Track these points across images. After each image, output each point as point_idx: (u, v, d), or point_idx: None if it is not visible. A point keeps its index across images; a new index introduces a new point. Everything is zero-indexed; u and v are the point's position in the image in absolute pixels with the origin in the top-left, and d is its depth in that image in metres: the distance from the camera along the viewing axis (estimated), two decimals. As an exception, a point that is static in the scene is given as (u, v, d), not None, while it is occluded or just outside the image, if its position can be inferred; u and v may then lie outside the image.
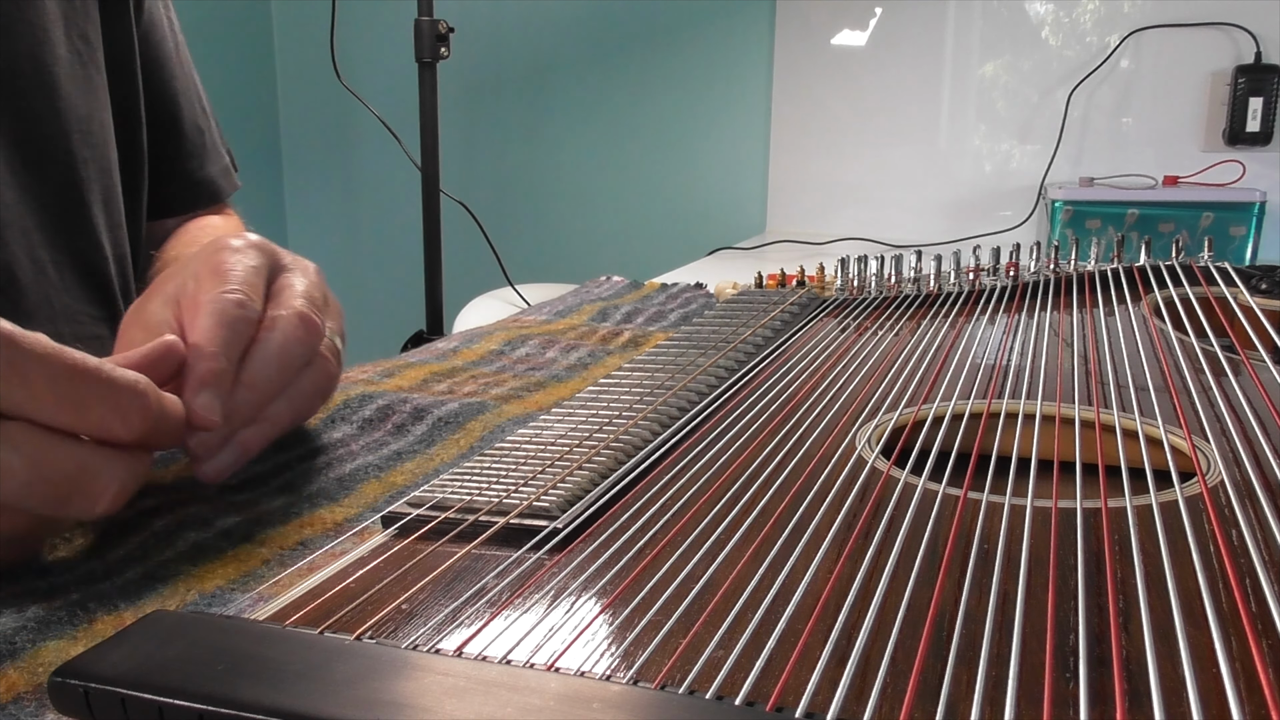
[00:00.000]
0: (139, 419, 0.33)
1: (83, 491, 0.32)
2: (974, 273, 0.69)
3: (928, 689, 0.23)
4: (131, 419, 0.33)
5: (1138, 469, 0.35)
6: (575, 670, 0.24)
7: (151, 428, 0.33)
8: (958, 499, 0.33)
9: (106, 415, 0.32)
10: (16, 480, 0.30)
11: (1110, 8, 1.40)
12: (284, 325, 0.41)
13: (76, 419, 0.32)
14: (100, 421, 0.32)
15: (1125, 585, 0.27)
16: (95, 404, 0.32)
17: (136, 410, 0.33)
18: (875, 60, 1.53)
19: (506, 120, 1.83)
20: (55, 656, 0.29)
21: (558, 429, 0.41)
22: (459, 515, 0.34)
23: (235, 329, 0.39)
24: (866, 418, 0.42)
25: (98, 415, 0.32)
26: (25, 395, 0.31)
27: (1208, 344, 0.52)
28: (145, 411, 0.33)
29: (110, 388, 0.32)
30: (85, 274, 0.60)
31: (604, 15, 1.73)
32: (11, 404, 0.31)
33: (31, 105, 0.56)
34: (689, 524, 0.33)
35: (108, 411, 0.32)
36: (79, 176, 0.59)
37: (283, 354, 0.40)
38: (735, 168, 1.68)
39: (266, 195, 2.02)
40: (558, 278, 1.46)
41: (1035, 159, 1.46)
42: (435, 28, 1.39)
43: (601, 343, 0.64)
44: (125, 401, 0.33)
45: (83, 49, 0.59)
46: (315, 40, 1.70)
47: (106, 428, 0.32)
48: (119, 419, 0.32)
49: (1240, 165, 1.32)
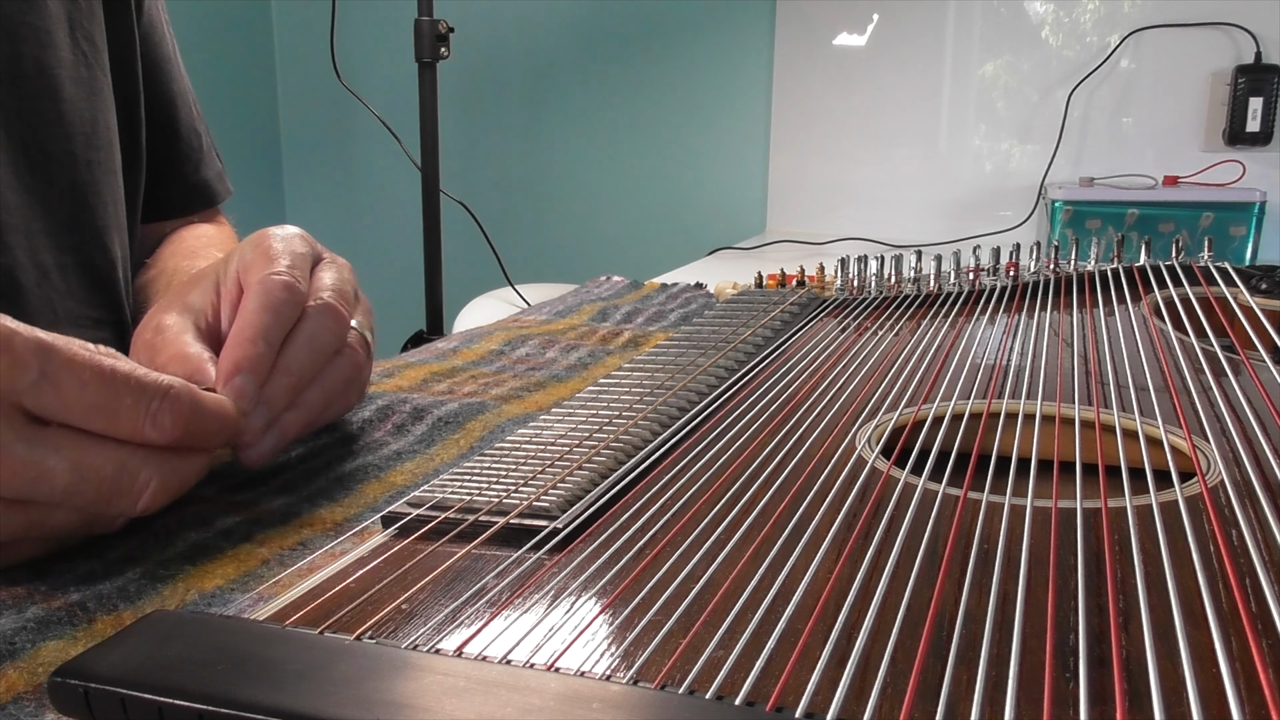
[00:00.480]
0: (170, 421, 0.34)
1: (122, 492, 0.33)
2: (974, 273, 0.69)
3: (928, 689, 0.23)
4: (163, 421, 0.34)
5: (1138, 469, 0.35)
6: (575, 670, 0.24)
7: (186, 429, 0.34)
8: (958, 499, 0.33)
9: (138, 419, 0.33)
10: (60, 482, 0.32)
11: (1110, 8, 1.40)
12: (313, 314, 0.42)
13: (109, 424, 0.33)
14: (132, 425, 0.33)
15: (1125, 585, 0.27)
16: (126, 409, 0.33)
17: (167, 413, 0.34)
18: (875, 60, 1.53)
19: (506, 120, 1.83)
20: (55, 656, 0.29)
21: (558, 429, 0.41)
22: (459, 515, 0.34)
23: (279, 313, 0.41)
24: (866, 418, 0.42)
25: (129, 419, 0.33)
26: (59, 402, 0.32)
27: (1208, 344, 0.52)
28: (177, 414, 0.34)
29: (141, 392, 0.33)
30: (89, 277, 0.60)
31: (604, 15, 1.73)
32: (47, 410, 0.32)
33: (35, 108, 0.56)
34: (689, 524, 0.33)
35: (139, 415, 0.33)
36: (83, 179, 0.59)
37: (313, 341, 0.42)
38: (735, 168, 1.68)
39: (266, 195, 2.02)
40: (558, 278, 1.46)
41: (1035, 159, 1.46)
42: (435, 28, 1.39)
43: (601, 343, 0.64)
44: (155, 405, 0.34)
45: (88, 50, 0.59)
46: (315, 40, 1.70)
47: (139, 431, 0.33)
48: (150, 422, 0.33)
49: (1240, 165, 1.32)
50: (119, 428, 0.33)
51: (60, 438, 0.32)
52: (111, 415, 0.33)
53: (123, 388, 0.33)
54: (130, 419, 0.33)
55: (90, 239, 0.60)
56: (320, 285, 0.44)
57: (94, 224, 0.60)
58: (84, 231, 0.59)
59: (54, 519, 0.33)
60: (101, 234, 0.60)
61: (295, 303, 0.42)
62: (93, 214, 0.60)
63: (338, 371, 0.44)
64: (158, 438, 0.34)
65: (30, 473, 0.31)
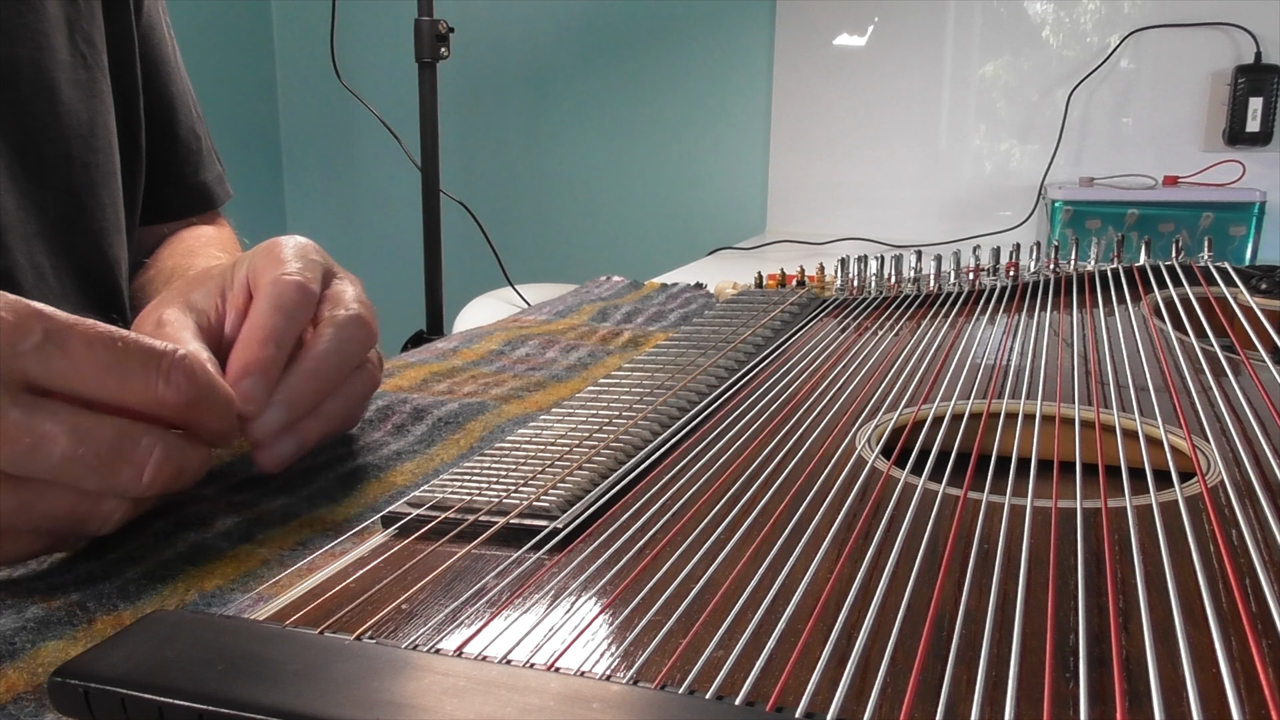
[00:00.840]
0: (185, 380, 0.32)
1: (127, 458, 0.32)
2: (974, 273, 0.69)
3: (928, 689, 0.23)
4: (178, 380, 0.32)
5: (1138, 469, 0.35)
6: (575, 670, 0.24)
7: (199, 394, 0.33)
8: (958, 499, 0.33)
9: (150, 378, 0.32)
10: (58, 450, 0.30)
11: (1110, 8, 1.40)
12: (346, 322, 0.41)
13: (120, 386, 0.31)
14: (145, 386, 0.32)
15: (1125, 585, 0.27)
16: (137, 370, 0.32)
17: (181, 371, 0.32)
18: (875, 60, 1.53)
19: (506, 120, 1.83)
20: (55, 656, 0.29)
21: (558, 429, 0.41)
22: (459, 515, 0.34)
23: (291, 315, 0.40)
24: (866, 418, 0.42)
25: (141, 380, 0.32)
26: (66, 364, 0.30)
27: (1208, 344, 0.52)
28: (191, 374, 0.33)
29: (149, 354, 0.32)
30: (88, 279, 0.60)
31: (604, 15, 1.73)
32: (52, 374, 0.30)
33: (31, 111, 0.56)
34: (689, 524, 0.33)
35: (150, 375, 0.32)
36: (80, 182, 0.59)
37: (343, 349, 0.41)
38: (735, 168, 1.68)
39: (266, 195, 2.02)
40: (558, 278, 1.46)
41: (1035, 159, 1.46)
42: (435, 28, 1.39)
43: (601, 343, 0.64)
44: (167, 363, 0.32)
45: (87, 52, 0.59)
46: (315, 40, 1.70)
47: (152, 389, 0.32)
48: (163, 380, 0.32)
49: (1240, 165, 1.32)
50: (130, 389, 0.32)
51: (59, 405, 0.31)
52: (123, 375, 0.31)
53: (133, 349, 0.32)
54: (142, 379, 0.32)
55: (88, 241, 0.60)
56: (346, 296, 0.43)
57: (91, 226, 0.60)
58: (81, 234, 0.59)
59: (47, 499, 0.31)
60: (99, 236, 0.60)
61: (308, 304, 0.41)
62: (90, 216, 0.60)
63: (358, 385, 0.43)
64: (172, 396, 0.32)
65: (25, 439, 0.30)
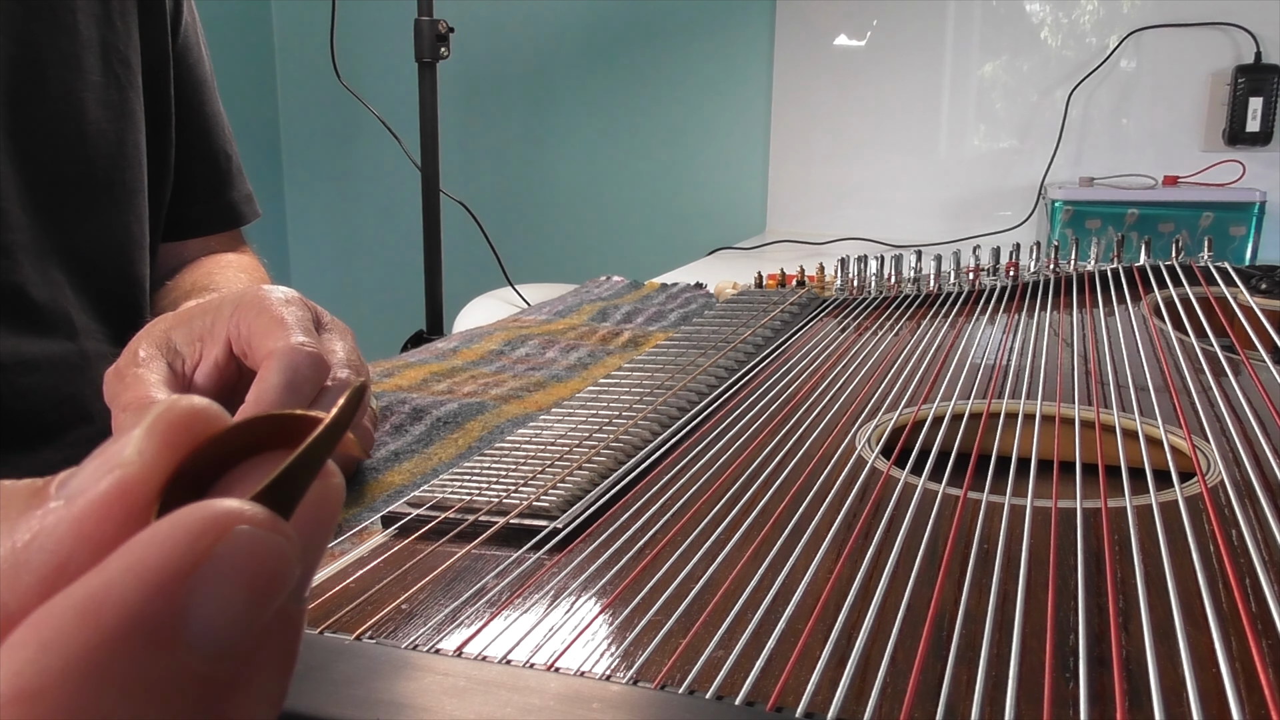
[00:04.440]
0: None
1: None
2: (974, 273, 0.69)
3: (928, 689, 0.23)
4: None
5: (1138, 469, 0.35)
6: (575, 670, 0.24)
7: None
8: (958, 499, 0.33)
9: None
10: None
11: (1110, 8, 1.40)
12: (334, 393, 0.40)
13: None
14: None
15: (1125, 585, 0.27)
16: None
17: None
18: (875, 60, 1.53)
19: (506, 120, 1.83)
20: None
21: (558, 429, 0.41)
22: (459, 515, 0.34)
23: (302, 391, 0.39)
24: (866, 418, 0.42)
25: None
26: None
27: (1208, 344, 0.52)
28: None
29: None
30: (109, 298, 0.60)
31: (604, 15, 1.73)
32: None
33: (56, 130, 0.57)
34: (689, 524, 0.33)
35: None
36: (104, 200, 0.59)
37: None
38: (735, 168, 1.68)
39: (266, 195, 2.01)
40: (558, 278, 1.46)
41: (1035, 159, 1.46)
42: (435, 28, 1.39)
43: (601, 343, 0.64)
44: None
45: (121, 73, 0.60)
46: (315, 40, 1.70)
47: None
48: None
49: (1240, 165, 1.32)
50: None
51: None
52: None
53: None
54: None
55: (109, 258, 0.60)
56: (335, 360, 0.42)
57: (113, 243, 0.60)
58: (102, 251, 0.60)
59: None
60: (120, 253, 0.61)
61: (318, 380, 0.40)
62: (112, 234, 0.60)
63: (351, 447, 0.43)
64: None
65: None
